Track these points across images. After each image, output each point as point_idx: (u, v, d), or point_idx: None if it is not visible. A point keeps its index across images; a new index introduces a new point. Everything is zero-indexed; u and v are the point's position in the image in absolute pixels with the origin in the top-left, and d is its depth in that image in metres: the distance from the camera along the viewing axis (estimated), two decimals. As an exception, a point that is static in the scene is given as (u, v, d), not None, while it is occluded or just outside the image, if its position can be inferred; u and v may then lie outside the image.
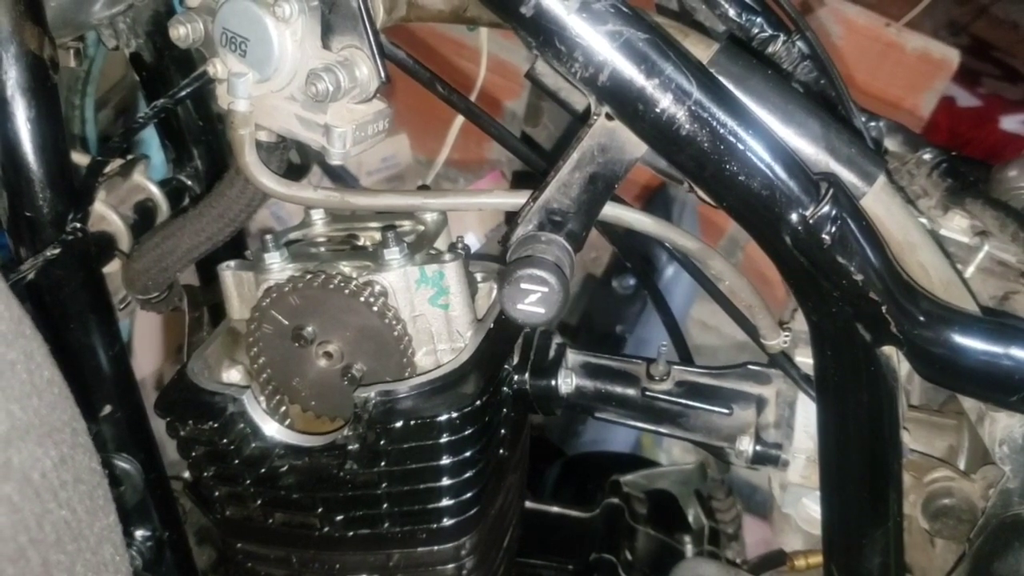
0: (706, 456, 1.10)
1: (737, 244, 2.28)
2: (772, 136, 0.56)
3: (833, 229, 0.55)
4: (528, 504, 1.07)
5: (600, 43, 0.54)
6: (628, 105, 0.55)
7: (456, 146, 1.86)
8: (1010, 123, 2.89)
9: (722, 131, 0.54)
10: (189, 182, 0.99)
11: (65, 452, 0.34)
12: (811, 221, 0.55)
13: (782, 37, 0.82)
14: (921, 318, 0.56)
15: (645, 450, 2.06)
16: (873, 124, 0.88)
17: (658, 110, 0.54)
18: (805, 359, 0.80)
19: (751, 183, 0.54)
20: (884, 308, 0.56)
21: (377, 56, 0.61)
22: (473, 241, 2.28)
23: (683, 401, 0.82)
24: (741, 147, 0.54)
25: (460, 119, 1.62)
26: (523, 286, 0.58)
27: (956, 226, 0.79)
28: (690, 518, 1.12)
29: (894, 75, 2.25)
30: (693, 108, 0.54)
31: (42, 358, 0.35)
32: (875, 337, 0.58)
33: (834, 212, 0.55)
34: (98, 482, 0.36)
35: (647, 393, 0.83)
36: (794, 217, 0.55)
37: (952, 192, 0.82)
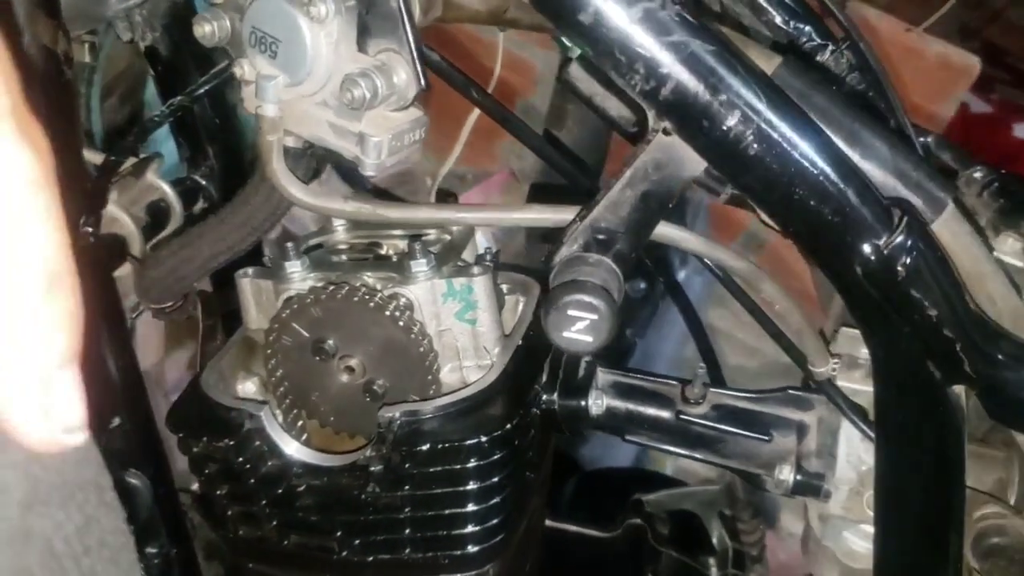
0: (732, 477, 1.07)
1: (754, 242, 2.23)
2: (844, 159, 0.52)
3: (908, 261, 0.51)
4: (548, 523, 1.04)
5: (664, 55, 0.50)
6: (692, 121, 0.51)
7: (465, 144, 1.82)
8: (1024, 130, 2.86)
9: (793, 152, 0.50)
10: (204, 182, 0.95)
11: (90, 513, 0.31)
12: (885, 252, 0.51)
13: (831, 47, 0.79)
14: (999, 357, 0.53)
15: (650, 458, 2.03)
16: (921, 140, 0.84)
17: (724, 128, 0.50)
18: (846, 383, 0.77)
19: (822, 209, 0.51)
20: (958, 346, 0.52)
21: (417, 61, 0.57)
22: (482, 241, 2.24)
23: (720, 426, 0.78)
24: (813, 170, 0.51)
25: (472, 118, 1.59)
26: (570, 312, 0.55)
27: (1009, 249, 0.75)
28: (714, 540, 1.09)
29: (914, 81, 2.22)
30: (763, 127, 0.50)
31: None
32: (946, 375, 0.55)
33: (909, 242, 0.51)
34: (123, 543, 0.33)
35: (682, 417, 0.79)
36: (867, 247, 0.51)
37: (1004, 213, 0.78)
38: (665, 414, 0.80)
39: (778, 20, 0.79)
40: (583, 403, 0.80)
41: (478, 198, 2.36)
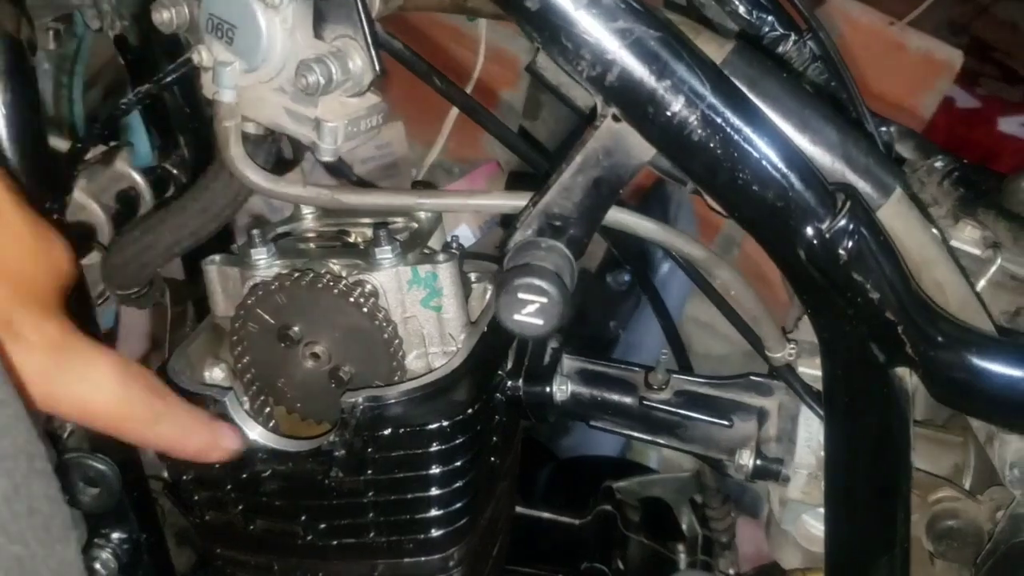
0: (702, 464, 1.08)
1: (733, 242, 2.25)
2: (788, 144, 0.53)
3: (850, 244, 0.52)
4: (518, 509, 1.05)
5: (609, 41, 0.51)
6: (637, 107, 0.52)
7: (452, 135, 1.82)
8: (1008, 125, 2.88)
9: (736, 137, 0.51)
10: (175, 171, 0.96)
11: (18, 481, 0.31)
12: (827, 235, 0.52)
13: (793, 37, 0.80)
14: (939, 339, 0.54)
15: (635, 449, 2.04)
16: (884, 129, 0.85)
17: (669, 113, 0.51)
18: (808, 370, 0.78)
19: (765, 193, 0.52)
20: (900, 328, 0.53)
21: (372, 48, 0.58)
22: (467, 233, 2.24)
23: (682, 412, 0.79)
24: (756, 155, 0.51)
25: (455, 110, 1.58)
26: (520, 296, 0.55)
27: (967, 237, 0.76)
28: (684, 526, 1.10)
29: (896, 75, 2.23)
30: (706, 112, 0.51)
31: None
32: (889, 358, 0.55)
33: (851, 226, 0.52)
34: (55, 511, 0.33)
35: (645, 402, 0.80)
36: (809, 230, 0.52)
37: (964, 202, 0.79)
38: (628, 400, 0.81)
39: (741, 10, 0.80)
40: (547, 389, 0.81)
41: (463, 189, 2.36)
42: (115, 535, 0.83)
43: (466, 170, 2.47)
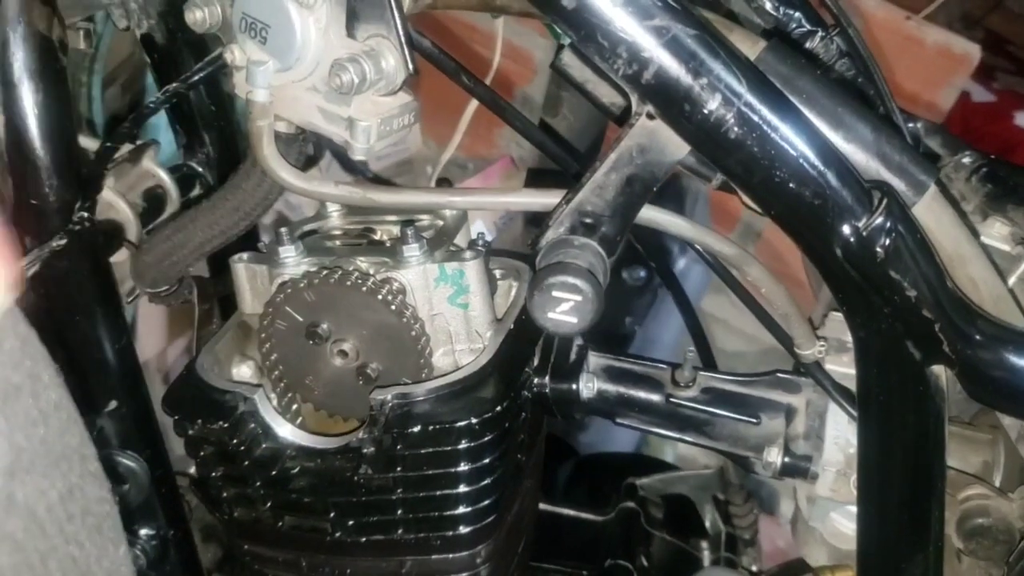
0: (725, 460, 1.08)
1: (752, 231, 2.23)
2: (824, 142, 0.53)
3: (887, 242, 0.52)
4: (541, 505, 1.05)
5: (646, 39, 0.51)
6: (673, 105, 0.52)
7: (466, 132, 1.81)
8: (1025, 119, 2.85)
9: (773, 135, 0.51)
10: (200, 169, 0.96)
11: (73, 482, 0.32)
12: (864, 233, 0.52)
13: (820, 32, 0.79)
14: (977, 337, 0.53)
15: (650, 445, 2.04)
16: (911, 125, 0.84)
17: (706, 111, 0.51)
18: (835, 367, 0.78)
19: (802, 191, 0.51)
20: (937, 326, 0.53)
21: (405, 47, 0.58)
22: (479, 227, 2.24)
23: (709, 409, 0.79)
24: (793, 153, 0.51)
25: (472, 106, 1.58)
26: (555, 294, 0.55)
27: (996, 233, 0.76)
28: (707, 524, 1.10)
29: (913, 70, 2.21)
30: (743, 110, 0.51)
31: (49, 379, 0.32)
32: (925, 356, 0.55)
33: (888, 224, 0.52)
34: (107, 512, 0.34)
35: (672, 399, 0.80)
36: (846, 228, 0.52)
37: (992, 198, 0.79)
38: (655, 397, 0.81)
39: (768, 6, 0.79)
40: (574, 386, 0.81)
41: (478, 185, 2.36)
42: (143, 531, 0.83)
43: (480, 166, 2.47)
